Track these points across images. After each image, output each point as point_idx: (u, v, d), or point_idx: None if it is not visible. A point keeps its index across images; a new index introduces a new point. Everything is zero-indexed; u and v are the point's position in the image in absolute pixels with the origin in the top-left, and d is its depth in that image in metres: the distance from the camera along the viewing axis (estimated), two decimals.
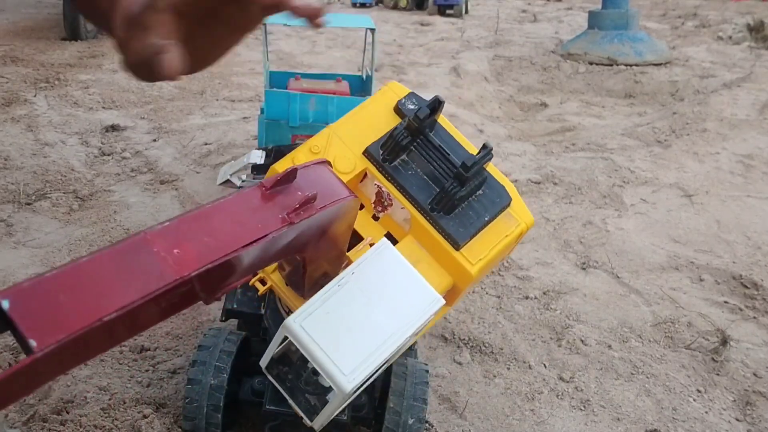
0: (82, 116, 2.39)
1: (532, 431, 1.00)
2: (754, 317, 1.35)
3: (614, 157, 2.21)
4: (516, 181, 1.98)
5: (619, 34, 3.75)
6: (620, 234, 1.68)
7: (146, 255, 0.36)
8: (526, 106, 3.12)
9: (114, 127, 2.26)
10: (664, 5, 6.94)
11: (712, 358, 1.20)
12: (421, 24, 5.77)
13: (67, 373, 0.98)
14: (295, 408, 0.63)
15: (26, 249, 1.46)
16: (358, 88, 1.67)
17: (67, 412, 0.90)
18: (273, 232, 0.41)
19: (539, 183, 1.98)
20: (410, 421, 0.81)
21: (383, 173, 0.70)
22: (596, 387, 1.10)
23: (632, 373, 1.15)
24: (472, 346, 1.18)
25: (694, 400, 1.10)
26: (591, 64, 3.65)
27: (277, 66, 3.53)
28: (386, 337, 0.55)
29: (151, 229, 0.38)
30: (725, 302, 1.40)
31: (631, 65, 3.55)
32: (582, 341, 1.22)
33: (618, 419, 1.04)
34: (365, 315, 0.56)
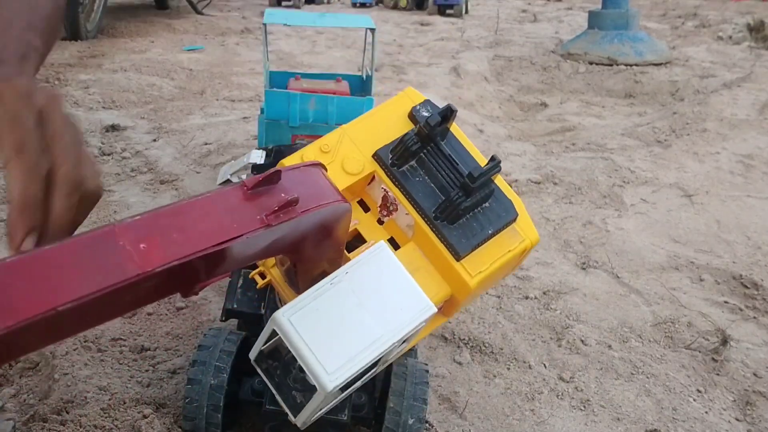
0: (81, 116, 2.38)
1: (532, 431, 1.00)
2: (754, 317, 1.35)
3: (614, 157, 2.21)
4: (516, 181, 1.98)
5: (619, 34, 3.75)
6: (620, 234, 1.68)
7: (111, 247, 0.36)
8: (526, 106, 3.12)
9: (114, 127, 2.26)
10: (664, 5, 6.93)
11: (712, 358, 1.20)
12: (421, 24, 5.76)
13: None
14: (281, 403, 0.63)
15: None
16: (358, 88, 1.66)
17: (67, 412, 0.90)
18: (248, 233, 0.40)
19: (539, 183, 1.98)
20: (410, 421, 0.81)
21: (390, 177, 0.70)
22: (596, 387, 1.10)
23: (632, 373, 1.15)
24: (472, 346, 1.18)
25: (694, 400, 1.10)
26: (591, 64, 3.65)
27: (277, 66, 3.52)
28: (374, 339, 0.55)
29: (121, 221, 0.37)
30: (725, 302, 1.40)
31: (631, 65, 3.55)
32: (582, 341, 1.22)
33: (618, 419, 1.04)
34: (355, 315, 0.55)
